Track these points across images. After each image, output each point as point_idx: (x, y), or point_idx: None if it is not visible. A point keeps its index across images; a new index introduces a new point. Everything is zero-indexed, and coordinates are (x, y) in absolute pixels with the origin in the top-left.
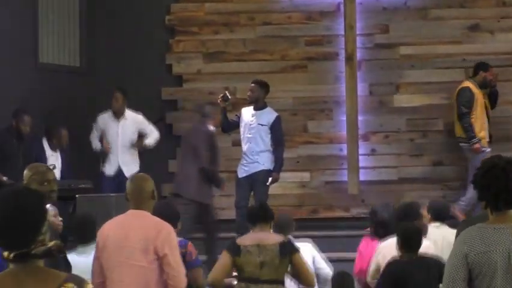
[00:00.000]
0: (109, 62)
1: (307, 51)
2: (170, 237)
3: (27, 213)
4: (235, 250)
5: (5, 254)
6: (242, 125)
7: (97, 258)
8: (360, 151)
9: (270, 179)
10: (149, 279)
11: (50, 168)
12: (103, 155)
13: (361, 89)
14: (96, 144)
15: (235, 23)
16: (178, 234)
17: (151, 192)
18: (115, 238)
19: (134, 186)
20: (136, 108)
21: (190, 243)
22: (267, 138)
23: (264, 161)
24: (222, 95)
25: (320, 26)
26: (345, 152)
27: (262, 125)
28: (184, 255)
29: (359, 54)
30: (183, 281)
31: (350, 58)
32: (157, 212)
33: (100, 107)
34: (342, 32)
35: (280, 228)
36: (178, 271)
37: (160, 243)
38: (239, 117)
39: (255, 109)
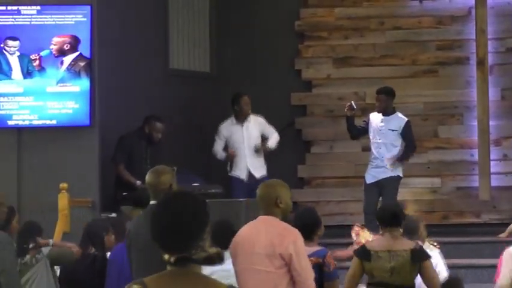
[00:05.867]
0: (239, 67)
1: (438, 56)
2: (296, 242)
3: (193, 218)
4: (365, 255)
5: (166, 257)
6: (371, 130)
7: (234, 267)
8: (492, 156)
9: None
10: (276, 285)
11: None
12: (230, 162)
13: (493, 93)
14: (221, 154)
15: (365, 27)
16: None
17: (275, 199)
18: (243, 244)
19: (262, 193)
20: (265, 113)
21: (329, 253)
22: (398, 144)
23: (393, 167)
24: (348, 104)
25: (450, 30)
26: (476, 157)
27: (392, 130)
28: (321, 266)
29: (490, 59)
30: (310, 285)
31: (481, 62)
32: (298, 218)
33: (230, 112)
34: (474, 37)
35: (408, 232)
36: (305, 276)
37: (285, 248)
38: (367, 122)
39: (384, 114)
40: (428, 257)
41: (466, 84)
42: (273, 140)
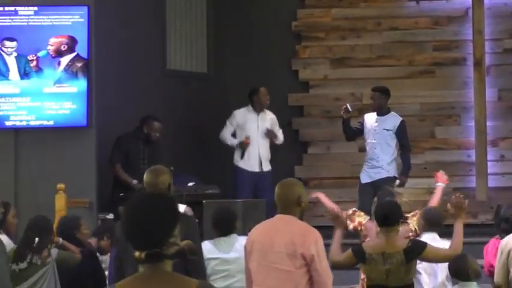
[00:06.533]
0: (236, 68)
1: (435, 57)
2: (317, 243)
3: (162, 215)
4: (361, 256)
5: (137, 253)
6: (366, 131)
7: (246, 263)
8: (489, 157)
9: (398, 181)
10: (296, 284)
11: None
12: (242, 149)
13: (490, 94)
14: (231, 140)
15: (362, 28)
16: None
17: (297, 198)
18: (260, 243)
19: (279, 192)
20: None
21: None
22: (393, 144)
23: (389, 168)
24: (344, 106)
25: (447, 31)
26: (473, 158)
27: (387, 130)
28: None
29: (487, 60)
30: (330, 286)
31: (478, 63)
32: None
33: (228, 112)
34: (470, 37)
35: (430, 224)
36: (325, 277)
37: (306, 248)
38: (362, 123)
39: (378, 114)
40: (423, 247)
41: (462, 85)
42: (280, 135)
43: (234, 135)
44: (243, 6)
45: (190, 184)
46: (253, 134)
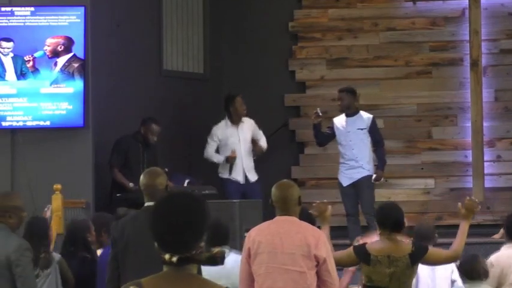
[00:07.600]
0: (233, 68)
1: (432, 57)
2: (326, 243)
3: (196, 216)
4: (365, 258)
5: (167, 256)
6: (338, 133)
7: (245, 264)
8: (486, 157)
9: (374, 175)
10: (308, 285)
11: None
12: (230, 164)
13: (486, 94)
14: (217, 157)
15: (358, 28)
16: None
17: (298, 198)
18: (269, 244)
19: (280, 193)
20: (259, 114)
21: None
22: (368, 142)
23: (369, 167)
24: (314, 111)
25: (444, 31)
26: (470, 159)
27: (361, 129)
28: None
29: (484, 60)
30: None
31: (475, 64)
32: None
33: (224, 113)
34: (467, 38)
35: (422, 238)
36: (335, 278)
37: (320, 249)
38: (332, 127)
39: (348, 116)
40: (426, 249)
41: (459, 85)
42: (264, 141)
43: (216, 151)
44: (240, 7)
45: (186, 182)
46: (236, 148)
